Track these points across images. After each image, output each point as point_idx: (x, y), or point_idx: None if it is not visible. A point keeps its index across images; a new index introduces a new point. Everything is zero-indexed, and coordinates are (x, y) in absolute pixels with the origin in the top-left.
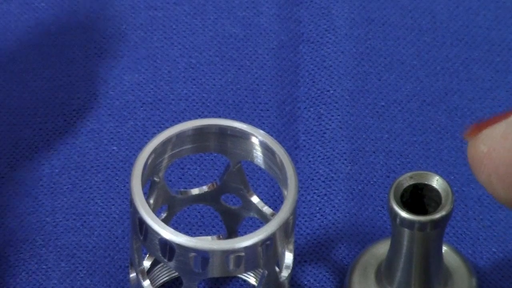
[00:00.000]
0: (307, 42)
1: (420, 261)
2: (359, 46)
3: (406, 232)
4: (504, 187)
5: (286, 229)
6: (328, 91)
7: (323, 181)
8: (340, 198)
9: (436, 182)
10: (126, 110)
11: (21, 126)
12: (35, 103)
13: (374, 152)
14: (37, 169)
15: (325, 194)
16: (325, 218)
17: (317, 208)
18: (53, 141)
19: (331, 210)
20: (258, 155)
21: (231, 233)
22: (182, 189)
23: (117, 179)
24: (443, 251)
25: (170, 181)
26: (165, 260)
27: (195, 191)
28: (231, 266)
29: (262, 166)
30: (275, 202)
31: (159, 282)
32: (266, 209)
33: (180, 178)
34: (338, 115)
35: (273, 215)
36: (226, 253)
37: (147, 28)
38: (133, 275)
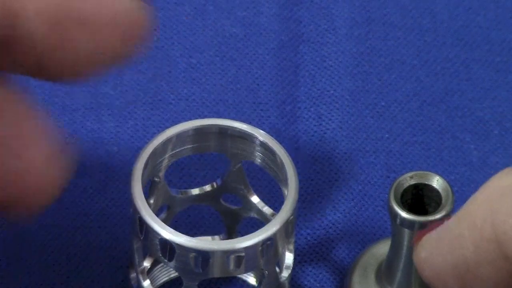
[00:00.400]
0: (307, 42)
1: None
2: (359, 46)
3: (406, 232)
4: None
5: (286, 229)
6: (328, 91)
7: (323, 181)
8: (340, 198)
9: (437, 182)
10: (126, 110)
11: None
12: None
13: (374, 152)
14: None
15: (325, 194)
16: (325, 218)
17: (317, 208)
18: None
19: (331, 210)
20: (259, 155)
21: (231, 233)
22: (182, 189)
23: (117, 180)
24: None
25: (171, 181)
26: (165, 260)
27: (195, 191)
28: (232, 267)
29: (262, 167)
30: (276, 203)
31: (159, 282)
32: (266, 209)
33: (180, 178)
34: (338, 115)
35: (273, 215)
36: (226, 254)
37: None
38: (133, 275)
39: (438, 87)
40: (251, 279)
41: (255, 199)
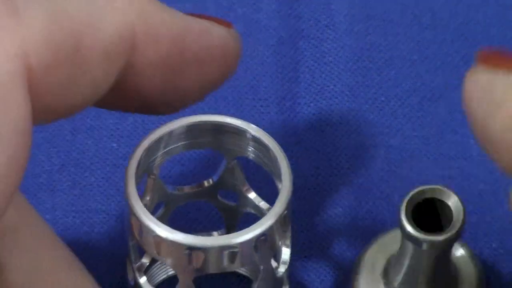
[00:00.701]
0: (307, 38)
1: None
2: (359, 41)
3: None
4: (483, 145)
5: (281, 223)
6: (328, 86)
7: (323, 176)
8: (340, 192)
9: (451, 201)
10: None
11: None
12: None
13: (374, 147)
14: (36, 166)
15: (325, 189)
16: (325, 212)
17: (317, 203)
18: (53, 138)
19: (331, 205)
20: (252, 150)
21: (230, 229)
22: (179, 186)
23: (116, 176)
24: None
25: (164, 177)
26: (160, 257)
27: (191, 187)
28: (227, 262)
29: (257, 162)
30: (274, 197)
31: (158, 280)
32: (263, 204)
33: (176, 175)
34: (338, 111)
35: (269, 210)
36: (221, 249)
37: None
38: (131, 272)
39: (438, 83)
40: (247, 275)
41: (251, 194)
